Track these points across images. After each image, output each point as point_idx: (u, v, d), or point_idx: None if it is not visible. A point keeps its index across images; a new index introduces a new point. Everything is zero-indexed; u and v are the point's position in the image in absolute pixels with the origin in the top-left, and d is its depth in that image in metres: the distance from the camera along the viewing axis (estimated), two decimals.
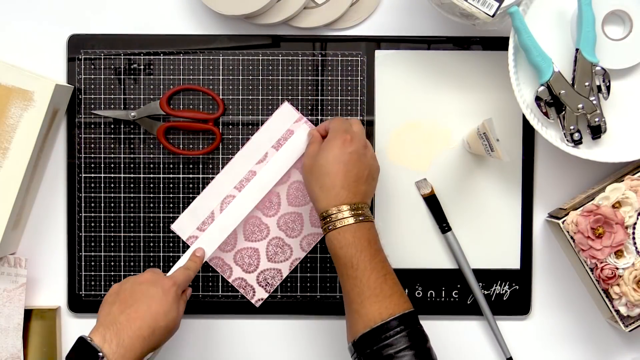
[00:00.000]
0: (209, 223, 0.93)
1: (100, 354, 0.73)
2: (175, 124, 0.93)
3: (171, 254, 0.94)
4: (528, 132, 0.93)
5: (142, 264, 0.94)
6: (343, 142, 0.82)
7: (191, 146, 0.94)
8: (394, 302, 0.77)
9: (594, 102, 0.84)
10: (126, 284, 0.81)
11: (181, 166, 0.94)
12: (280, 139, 0.94)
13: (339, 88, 0.94)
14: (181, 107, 0.93)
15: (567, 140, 0.86)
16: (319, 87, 0.94)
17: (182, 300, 0.83)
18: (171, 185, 0.94)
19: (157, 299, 0.79)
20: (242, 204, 0.93)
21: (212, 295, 0.94)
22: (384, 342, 0.75)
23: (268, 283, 0.94)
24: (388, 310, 0.76)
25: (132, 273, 0.94)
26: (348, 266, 0.78)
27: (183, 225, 0.94)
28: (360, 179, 0.81)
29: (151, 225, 0.94)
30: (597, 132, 0.85)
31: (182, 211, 0.94)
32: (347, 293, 0.79)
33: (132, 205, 0.94)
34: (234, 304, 0.94)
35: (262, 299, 0.94)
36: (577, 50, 0.84)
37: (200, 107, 0.93)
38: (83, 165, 0.94)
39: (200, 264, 0.89)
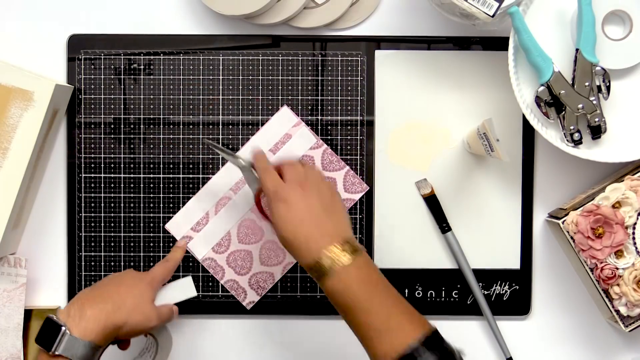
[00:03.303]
0: (203, 224, 0.93)
1: (63, 328, 0.76)
2: None
3: None
4: (528, 132, 0.93)
5: (142, 264, 0.94)
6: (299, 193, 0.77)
7: (191, 146, 0.94)
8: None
9: (594, 102, 0.84)
10: (104, 278, 0.86)
11: (181, 166, 0.94)
12: (278, 142, 0.93)
13: (339, 88, 0.94)
14: (181, 107, 0.93)
15: (567, 140, 0.86)
16: (319, 87, 0.94)
17: (164, 307, 0.85)
18: (171, 186, 0.94)
19: (127, 282, 0.83)
20: (237, 206, 0.93)
21: (212, 295, 0.94)
22: None
23: (260, 286, 0.94)
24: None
25: None
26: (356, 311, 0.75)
27: (177, 225, 0.94)
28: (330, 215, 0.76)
29: (151, 225, 0.94)
30: (597, 132, 0.85)
31: None
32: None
33: (132, 205, 0.94)
34: (234, 304, 0.94)
35: (253, 302, 0.94)
36: (577, 50, 0.84)
37: (201, 107, 0.93)
38: (83, 165, 0.94)
39: (181, 255, 0.91)
